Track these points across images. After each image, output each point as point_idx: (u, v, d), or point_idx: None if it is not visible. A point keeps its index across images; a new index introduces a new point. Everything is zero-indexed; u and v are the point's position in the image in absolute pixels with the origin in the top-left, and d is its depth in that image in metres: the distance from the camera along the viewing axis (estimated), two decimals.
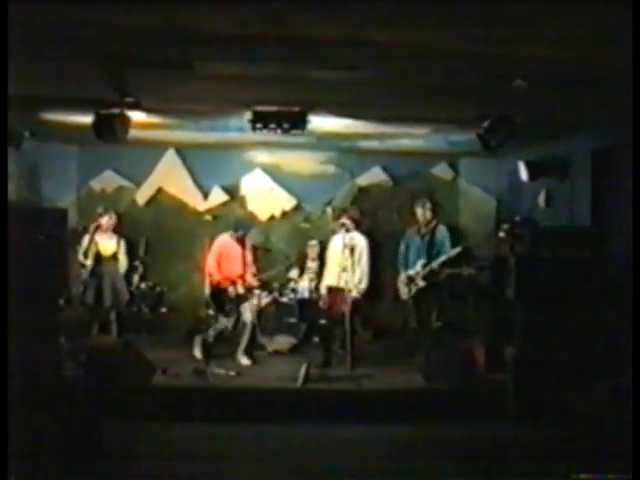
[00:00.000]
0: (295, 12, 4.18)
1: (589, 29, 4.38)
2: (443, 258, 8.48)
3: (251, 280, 8.50)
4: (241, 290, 8.22)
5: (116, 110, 6.78)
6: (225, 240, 8.47)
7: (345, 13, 4.18)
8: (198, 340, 8.39)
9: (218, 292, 8.22)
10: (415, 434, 6.43)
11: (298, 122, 6.79)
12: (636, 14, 3.78)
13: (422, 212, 8.76)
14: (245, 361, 8.16)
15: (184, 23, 4.43)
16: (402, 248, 8.81)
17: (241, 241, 8.44)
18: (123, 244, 9.33)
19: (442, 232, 8.65)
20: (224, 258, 8.32)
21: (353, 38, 4.66)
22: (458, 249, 8.45)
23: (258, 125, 6.79)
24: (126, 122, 6.91)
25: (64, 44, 4.97)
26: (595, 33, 4.46)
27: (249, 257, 8.53)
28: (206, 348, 8.24)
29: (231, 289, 8.13)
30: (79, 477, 4.96)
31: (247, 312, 8.33)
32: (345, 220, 8.15)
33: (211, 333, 8.30)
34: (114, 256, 9.07)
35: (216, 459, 5.71)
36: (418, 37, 4.68)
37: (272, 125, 6.76)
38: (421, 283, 8.39)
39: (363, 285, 8.10)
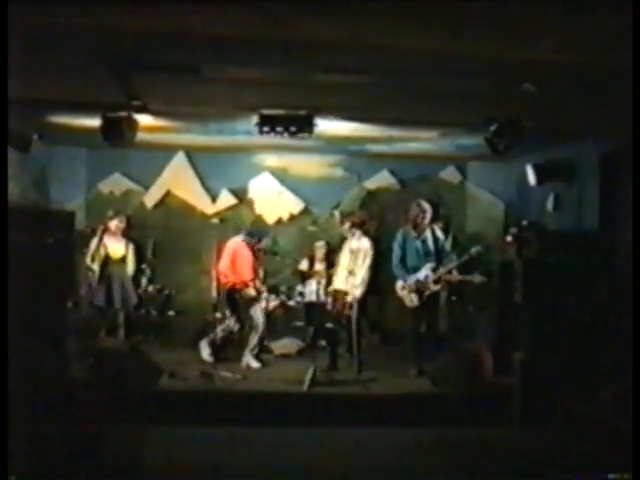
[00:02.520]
0: (301, 16, 4.18)
1: (596, 33, 4.37)
2: (464, 258, 7.96)
3: (261, 284, 8.58)
4: (253, 293, 8.29)
5: (124, 113, 6.81)
6: (238, 243, 8.50)
7: (352, 17, 4.18)
8: (204, 343, 8.42)
9: (232, 294, 8.29)
10: (422, 438, 6.40)
11: (305, 125, 6.80)
12: (636, 15, 3.77)
13: (420, 212, 8.11)
14: (255, 364, 8.17)
15: (190, 27, 4.44)
16: (398, 254, 8.10)
17: (252, 246, 8.49)
18: (132, 247, 9.33)
19: (440, 232, 8.20)
20: (238, 260, 8.37)
21: (360, 42, 4.66)
22: (479, 248, 8.06)
23: (265, 128, 6.80)
24: (133, 125, 6.94)
25: (72, 48, 4.99)
26: (601, 37, 4.45)
27: (258, 262, 8.60)
28: (214, 350, 8.31)
29: (245, 291, 8.21)
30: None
31: (258, 315, 8.34)
32: (349, 224, 8.13)
33: (219, 335, 8.38)
34: (123, 259, 9.07)
35: (221, 462, 5.70)
36: (425, 41, 4.68)
37: (279, 128, 6.77)
38: (435, 287, 7.93)
39: (359, 291, 8.01)
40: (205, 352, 8.39)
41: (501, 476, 5.35)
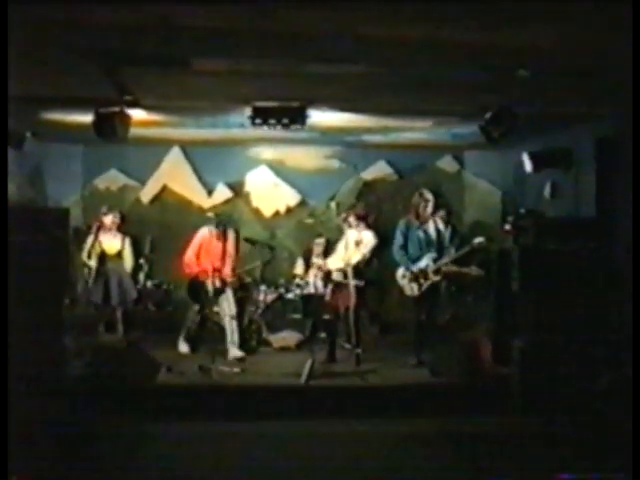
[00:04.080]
0: (292, 6, 4.15)
1: (592, 18, 4.34)
2: (466, 249, 7.97)
3: (228, 274, 8.50)
4: (218, 283, 8.29)
5: (116, 108, 6.77)
6: (205, 234, 8.56)
7: (343, 6, 4.14)
8: (181, 340, 8.57)
9: (195, 285, 8.39)
10: (421, 429, 6.38)
11: (298, 117, 6.75)
12: (636, 12, 3.75)
13: (422, 202, 8.14)
14: (237, 353, 8.22)
15: (179, 19, 4.41)
16: (400, 241, 8.17)
17: (223, 235, 8.49)
18: (128, 242, 9.29)
19: (441, 223, 8.22)
20: (204, 251, 8.45)
21: (352, 31, 4.63)
22: (481, 239, 8.04)
23: (257, 121, 6.75)
24: (126, 120, 6.90)
25: (61, 44, 4.96)
26: (597, 22, 4.41)
27: (231, 251, 8.55)
28: (192, 343, 8.50)
29: (208, 282, 8.25)
30: (81, 477, 4.96)
31: (226, 305, 8.37)
32: (351, 219, 8.13)
33: (191, 328, 8.55)
34: (118, 254, 9.05)
35: (220, 457, 5.69)
36: (417, 29, 4.64)
37: (272, 121, 6.72)
38: (435, 278, 7.95)
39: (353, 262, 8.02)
40: (183, 348, 8.51)
41: (500, 466, 5.34)
